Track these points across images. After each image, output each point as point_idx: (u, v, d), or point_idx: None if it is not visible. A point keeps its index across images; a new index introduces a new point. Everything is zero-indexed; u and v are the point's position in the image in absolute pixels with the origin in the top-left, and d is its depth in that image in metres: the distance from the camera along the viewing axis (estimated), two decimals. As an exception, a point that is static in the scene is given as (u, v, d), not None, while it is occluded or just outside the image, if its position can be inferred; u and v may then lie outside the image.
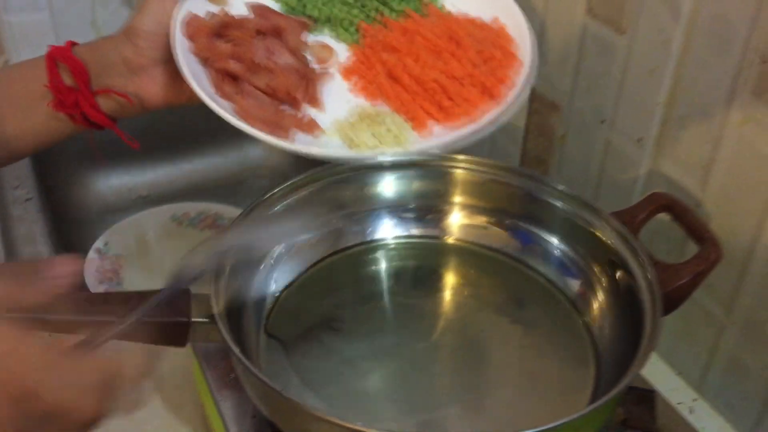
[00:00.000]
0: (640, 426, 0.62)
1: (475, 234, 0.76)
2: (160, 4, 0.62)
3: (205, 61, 0.61)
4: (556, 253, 0.73)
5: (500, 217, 0.75)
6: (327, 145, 0.60)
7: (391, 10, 0.67)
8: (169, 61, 0.61)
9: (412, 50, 0.63)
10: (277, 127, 0.58)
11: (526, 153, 0.90)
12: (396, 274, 0.76)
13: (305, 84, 0.62)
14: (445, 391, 0.64)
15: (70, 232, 1.08)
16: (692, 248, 0.65)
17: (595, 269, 0.70)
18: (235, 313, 0.62)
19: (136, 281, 0.99)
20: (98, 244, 1.02)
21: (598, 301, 0.69)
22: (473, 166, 0.75)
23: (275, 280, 0.72)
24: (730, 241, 0.67)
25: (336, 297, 0.72)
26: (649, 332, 0.58)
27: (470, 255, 0.76)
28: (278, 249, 0.73)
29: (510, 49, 0.65)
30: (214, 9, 0.64)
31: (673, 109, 0.70)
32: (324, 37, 0.67)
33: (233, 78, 0.60)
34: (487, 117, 0.60)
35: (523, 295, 0.72)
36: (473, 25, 0.66)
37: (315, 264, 0.74)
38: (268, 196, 0.70)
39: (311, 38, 0.66)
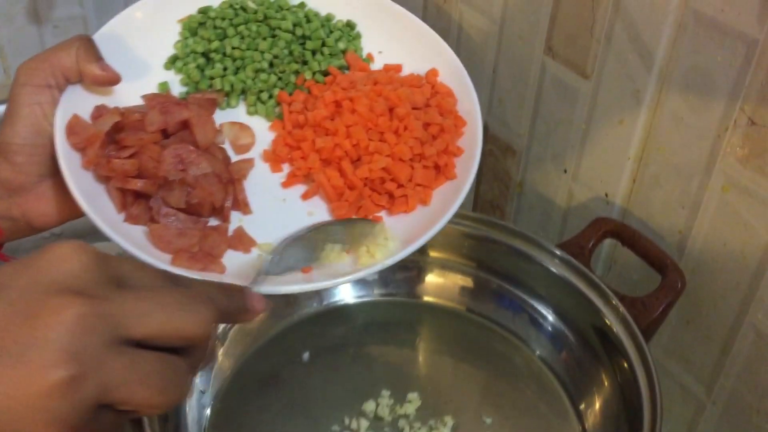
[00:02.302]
0: None
1: (454, 295, 0.68)
2: (33, 109, 0.49)
3: (104, 178, 0.49)
4: (548, 326, 0.65)
5: (484, 279, 0.67)
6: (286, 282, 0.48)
7: (313, 71, 0.57)
8: (57, 173, 0.49)
9: (349, 132, 0.52)
10: (210, 258, 0.48)
11: (479, 197, 0.81)
12: (362, 342, 0.66)
13: (230, 189, 0.50)
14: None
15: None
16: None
17: (596, 353, 0.61)
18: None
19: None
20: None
21: (597, 390, 0.60)
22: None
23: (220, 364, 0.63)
24: (711, 316, 0.60)
25: (291, 372, 0.63)
26: None
27: (450, 317, 0.67)
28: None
29: (453, 108, 0.55)
30: (99, 100, 0.51)
31: (645, 167, 0.62)
32: (235, 112, 0.56)
33: (139, 195, 0.49)
34: (453, 205, 0.50)
35: (511, 370, 0.63)
36: (407, 84, 0.55)
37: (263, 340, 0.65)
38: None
39: (220, 116, 0.55)
